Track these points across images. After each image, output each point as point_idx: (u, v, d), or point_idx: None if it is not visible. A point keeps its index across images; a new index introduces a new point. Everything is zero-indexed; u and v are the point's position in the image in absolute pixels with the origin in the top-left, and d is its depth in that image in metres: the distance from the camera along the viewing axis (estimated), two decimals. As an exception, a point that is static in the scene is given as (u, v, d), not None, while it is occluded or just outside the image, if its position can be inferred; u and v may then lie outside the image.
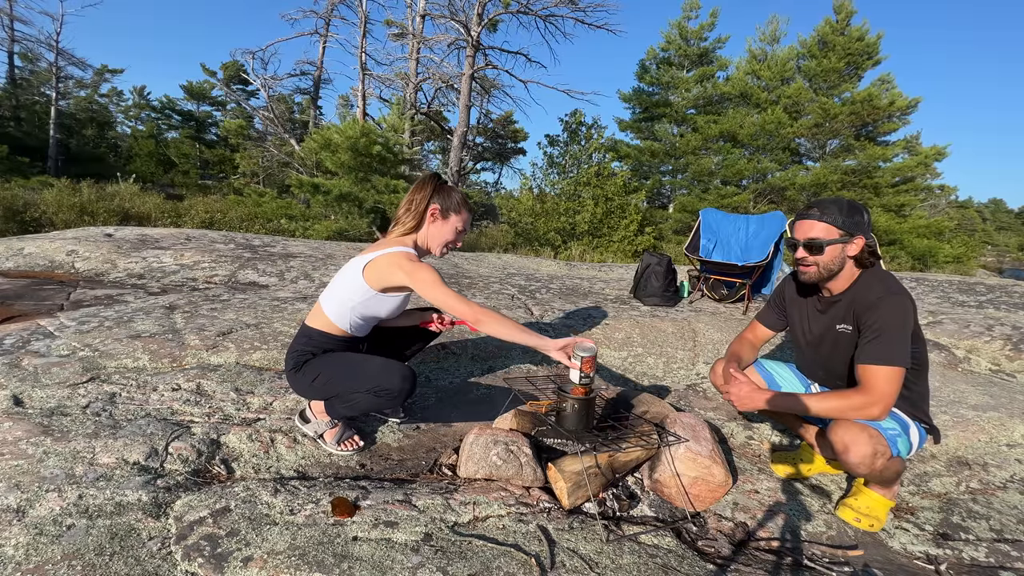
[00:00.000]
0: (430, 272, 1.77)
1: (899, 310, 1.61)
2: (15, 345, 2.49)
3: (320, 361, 1.86)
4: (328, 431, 1.91)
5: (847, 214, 1.66)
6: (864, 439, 1.57)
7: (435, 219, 1.92)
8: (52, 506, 1.35)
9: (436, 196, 1.92)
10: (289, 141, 18.71)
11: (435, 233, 1.93)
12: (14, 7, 22.43)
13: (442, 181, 1.97)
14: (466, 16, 16.39)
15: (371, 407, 1.85)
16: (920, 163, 19.39)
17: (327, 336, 1.89)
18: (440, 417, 2.28)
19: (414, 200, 1.91)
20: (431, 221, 1.92)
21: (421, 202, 1.90)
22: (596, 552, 1.42)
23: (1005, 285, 6.27)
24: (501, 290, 4.65)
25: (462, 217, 1.94)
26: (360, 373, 1.80)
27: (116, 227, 6.90)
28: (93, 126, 27.70)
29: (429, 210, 1.91)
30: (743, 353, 2.02)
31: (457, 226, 1.94)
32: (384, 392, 1.76)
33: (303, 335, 1.92)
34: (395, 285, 1.83)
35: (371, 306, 1.87)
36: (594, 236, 15.21)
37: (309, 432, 1.93)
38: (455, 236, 1.96)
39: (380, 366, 1.80)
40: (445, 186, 1.96)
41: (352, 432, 1.97)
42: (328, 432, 1.91)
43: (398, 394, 1.77)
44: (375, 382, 1.77)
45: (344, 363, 1.84)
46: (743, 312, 4.43)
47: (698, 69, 22.72)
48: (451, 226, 1.93)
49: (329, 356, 1.87)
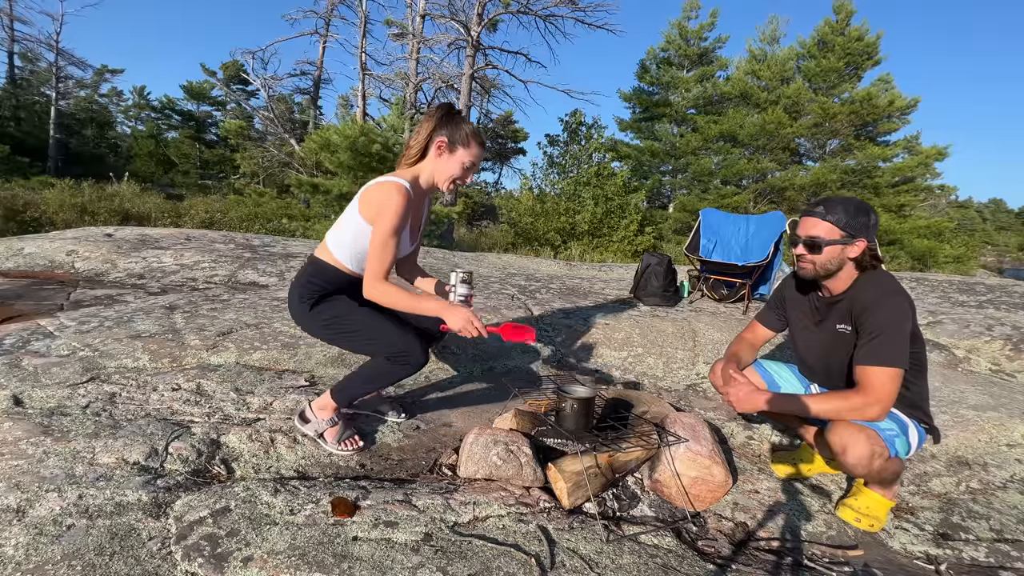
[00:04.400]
0: (392, 220, 1.68)
1: (898, 311, 1.61)
2: (15, 345, 2.49)
3: (339, 303, 1.81)
4: (328, 430, 1.90)
5: (852, 215, 1.65)
6: (862, 440, 1.57)
7: (441, 152, 1.80)
8: (52, 506, 1.35)
9: (443, 127, 1.79)
10: (289, 141, 18.71)
11: (441, 167, 1.82)
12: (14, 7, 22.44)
13: (452, 111, 1.83)
14: (466, 16, 16.39)
15: (378, 377, 1.81)
16: (920, 163, 19.40)
17: (333, 270, 1.84)
18: (440, 417, 2.28)
19: (420, 131, 1.82)
20: (437, 154, 1.81)
21: (425, 133, 1.80)
22: (596, 552, 1.42)
23: (1005, 285, 6.26)
24: (501, 290, 4.65)
25: (471, 152, 1.81)
26: (381, 332, 1.75)
27: (116, 227, 6.90)
28: (93, 126, 27.71)
29: (435, 142, 1.80)
30: (742, 354, 2.02)
31: (464, 161, 1.81)
32: (401, 357, 1.72)
33: (311, 264, 1.87)
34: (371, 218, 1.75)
35: (365, 240, 1.77)
36: (594, 236, 15.22)
37: (309, 432, 1.91)
38: (462, 172, 1.83)
39: (401, 331, 1.77)
40: (455, 117, 1.82)
41: (352, 431, 1.96)
42: (328, 431, 1.90)
43: (414, 364, 1.72)
44: (395, 346, 1.72)
45: (367, 316, 1.80)
46: (743, 312, 4.43)
47: (698, 69, 22.73)
48: (457, 160, 1.80)
49: (351, 305, 1.82)
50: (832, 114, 19.40)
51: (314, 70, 21.99)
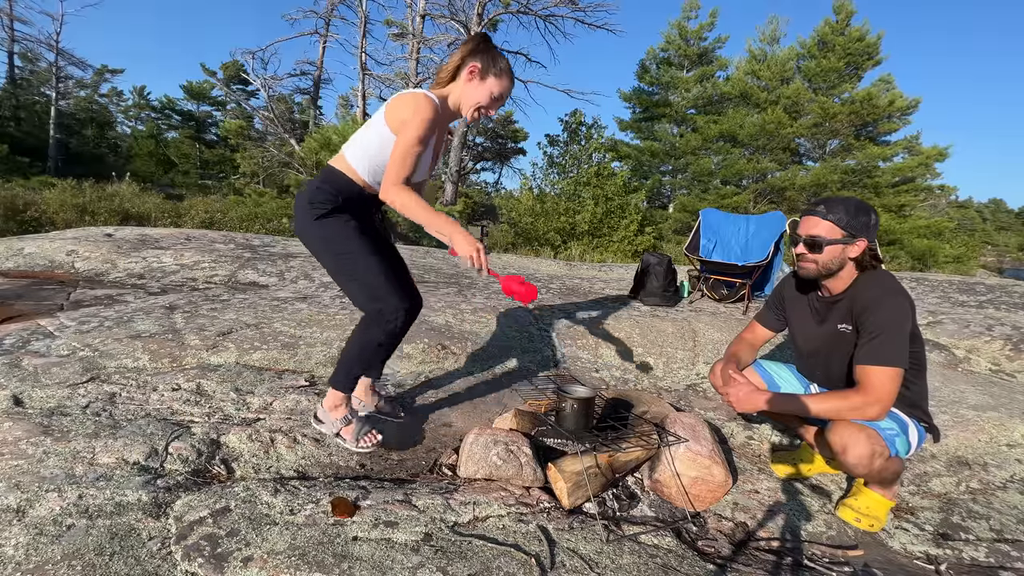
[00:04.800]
0: (419, 128, 1.64)
1: (898, 311, 1.61)
2: (15, 345, 2.49)
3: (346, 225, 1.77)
4: (344, 428, 1.86)
5: (853, 215, 1.65)
6: (862, 439, 1.57)
7: (472, 77, 1.76)
8: (52, 506, 1.35)
9: (478, 54, 1.77)
10: (289, 141, 18.72)
11: (469, 92, 1.78)
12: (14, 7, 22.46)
13: (489, 42, 1.81)
14: (466, 16, 16.39)
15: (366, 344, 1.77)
16: (920, 163, 19.41)
17: (346, 179, 1.79)
18: (440, 417, 2.28)
19: (454, 56, 1.79)
20: (468, 79, 1.77)
21: (458, 57, 1.78)
22: (596, 552, 1.42)
23: (1005, 285, 6.26)
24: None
25: (501, 83, 1.78)
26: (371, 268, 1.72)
27: (116, 227, 6.90)
28: (93, 126, 27.74)
29: (468, 67, 1.76)
30: (742, 354, 2.02)
31: (493, 90, 1.77)
32: (378, 302, 1.70)
33: (324, 172, 1.82)
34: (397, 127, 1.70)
35: (387, 151, 1.72)
36: (594, 236, 15.22)
37: (326, 431, 1.88)
38: (489, 100, 1.78)
39: (390, 278, 1.74)
40: (491, 47, 1.80)
41: (369, 427, 1.91)
42: (344, 430, 1.86)
43: (391, 314, 1.70)
44: (379, 288, 1.70)
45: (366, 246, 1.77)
46: (743, 312, 4.43)
47: (698, 69, 22.75)
48: (487, 88, 1.76)
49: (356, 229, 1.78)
50: (832, 114, 19.41)
51: (314, 70, 22.01)
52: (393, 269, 1.86)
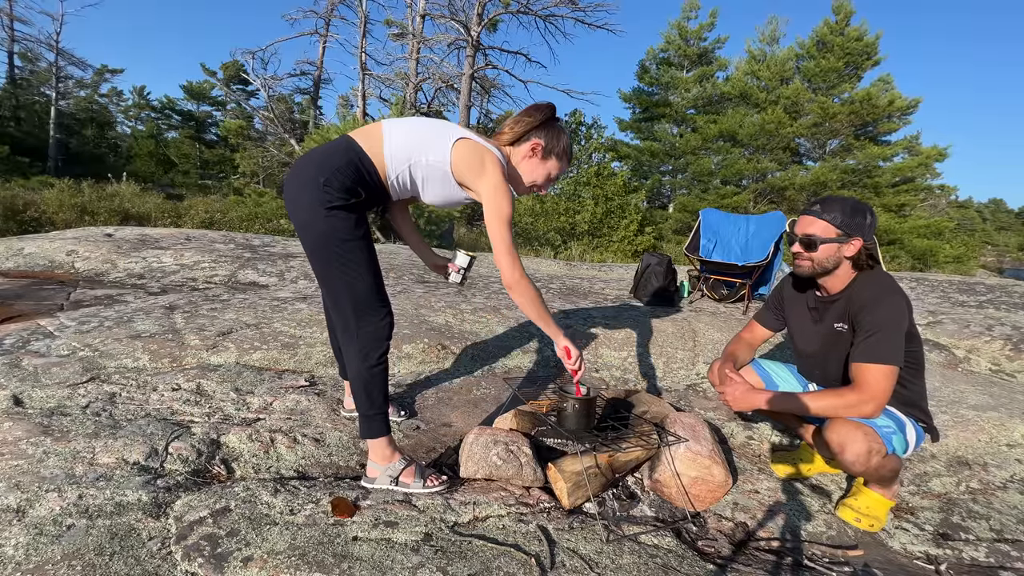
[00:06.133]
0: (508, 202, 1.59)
1: (894, 310, 1.62)
2: (15, 345, 2.49)
3: (352, 227, 1.58)
4: (404, 470, 1.68)
5: (849, 215, 1.67)
6: (859, 437, 1.58)
7: (535, 154, 1.71)
8: (52, 506, 1.35)
9: (544, 130, 1.70)
10: (289, 141, 18.72)
11: (528, 169, 1.73)
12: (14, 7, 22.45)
13: (555, 116, 1.74)
14: (466, 16, 16.40)
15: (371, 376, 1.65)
16: (920, 163, 19.42)
17: (374, 174, 1.60)
18: (440, 417, 2.28)
19: (520, 120, 1.70)
20: (529, 155, 1.71)
21: (524, 126, 1.69)
22: (596, 552, 1.42)
23: (1005, 285, 6.26)
24: (501, 290, 4.65)
25: (560, 165, 1.75)
26: (370, 281, 1.62)
27: (116, 227, 6.90)
28: (93, 126, 27.73)
29: (531, 142, 1.70)
30: (739, 353, 2.03)
31: (552, 171, 1.75)
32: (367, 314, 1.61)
33: (346, 153, 1.58)
34: (467, 180, 1.62)
35: (430, 176, 1.63)
36: (594, 236, 15.23)
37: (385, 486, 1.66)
38: (545, 181, 1.76)
39: (381, 288, 1.67)
40: (557, 124, 1.74)
41: (432, 471, 1.74)
42: (405, 472, 1.68)
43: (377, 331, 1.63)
44: (371, 301, 1.62)
45: (371, 260, 1.65)
46: (743, 312, 4.43)
47: (698, 69, 22.75)
48: (546, 169, 1.73)
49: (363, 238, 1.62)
50: (832, 114, 19.42)
51: (314, 70, 22.00)
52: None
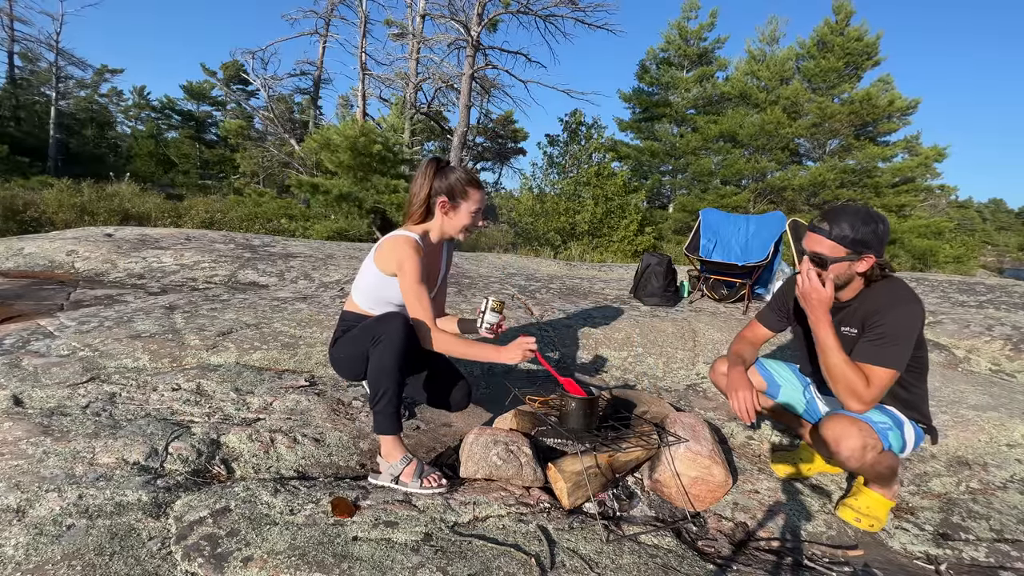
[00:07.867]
0: (413, 270, 1.78)
1: (909, 318, 1.60)
2: (15, 345, 2.49)
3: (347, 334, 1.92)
4: (405, 468, 1.69)
5: (857, 231, 1.59)
6: (854, 432, 1.58)
7: (446, 210, 1.90)
8: (52, 506, 1.35)
9: (437, 184, 1.88)
10: (289, 141, 18.73)
11: (450, 224, 1.93)
12: (14, 7, 22.46)
13: (441, 165, 1.92)
14: (466, 16, 16.39)
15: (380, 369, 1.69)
16: (920, 163, 19.41)
17: (356, 316, 1.95)
18: (440, 417, 2.28)
19: (416, 191, 1.90)
20: (443, 213, 1.91)
21: (422, 192, 1.89)
22: (596, 552, 1.42)
23: (1005, 285, 6.26)
24: (501, 290, 4.65)
25: (473, 200, 1.91)
26: (367, 328, 1.78)
27: (116, 227, 6.90)
28: (93, 126, 27.73)
29: (438, 203, 1.89)
30: (745, 354, 2.00)
31: (471, 209, 1.92)
32: (380, 338, 1.68)
33: (342, 321, 2.00)
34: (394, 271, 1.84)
35: (384, 289, 1.89)
36: (594, 236, 15.22)
37: (386, 482, 1.69)
38: (471, 220, 1.94)
39: (383, 318, 1.76)
40: (445, 170, 1.90)
41: (433, 469, 1.75)
42: (405, 470, 1.69)
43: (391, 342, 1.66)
44: (375, 331, 1.72)
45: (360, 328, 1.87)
46: (743, 312, 4.43)
47: (698, 69, 22.72)
48: (464, 213, 1.91)
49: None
50: (831, 114, 19.40)
51: (314, 70, 22.01)
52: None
